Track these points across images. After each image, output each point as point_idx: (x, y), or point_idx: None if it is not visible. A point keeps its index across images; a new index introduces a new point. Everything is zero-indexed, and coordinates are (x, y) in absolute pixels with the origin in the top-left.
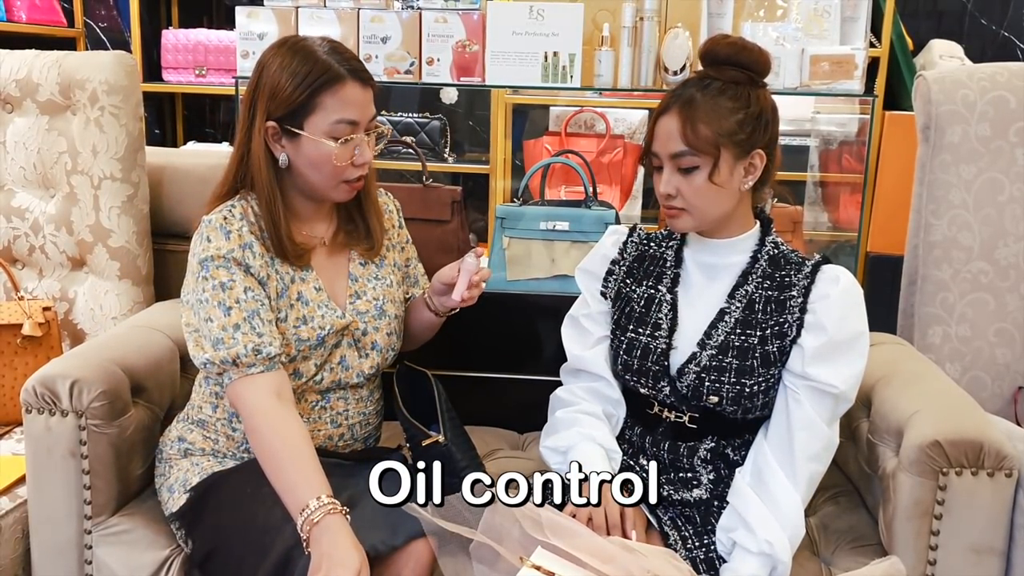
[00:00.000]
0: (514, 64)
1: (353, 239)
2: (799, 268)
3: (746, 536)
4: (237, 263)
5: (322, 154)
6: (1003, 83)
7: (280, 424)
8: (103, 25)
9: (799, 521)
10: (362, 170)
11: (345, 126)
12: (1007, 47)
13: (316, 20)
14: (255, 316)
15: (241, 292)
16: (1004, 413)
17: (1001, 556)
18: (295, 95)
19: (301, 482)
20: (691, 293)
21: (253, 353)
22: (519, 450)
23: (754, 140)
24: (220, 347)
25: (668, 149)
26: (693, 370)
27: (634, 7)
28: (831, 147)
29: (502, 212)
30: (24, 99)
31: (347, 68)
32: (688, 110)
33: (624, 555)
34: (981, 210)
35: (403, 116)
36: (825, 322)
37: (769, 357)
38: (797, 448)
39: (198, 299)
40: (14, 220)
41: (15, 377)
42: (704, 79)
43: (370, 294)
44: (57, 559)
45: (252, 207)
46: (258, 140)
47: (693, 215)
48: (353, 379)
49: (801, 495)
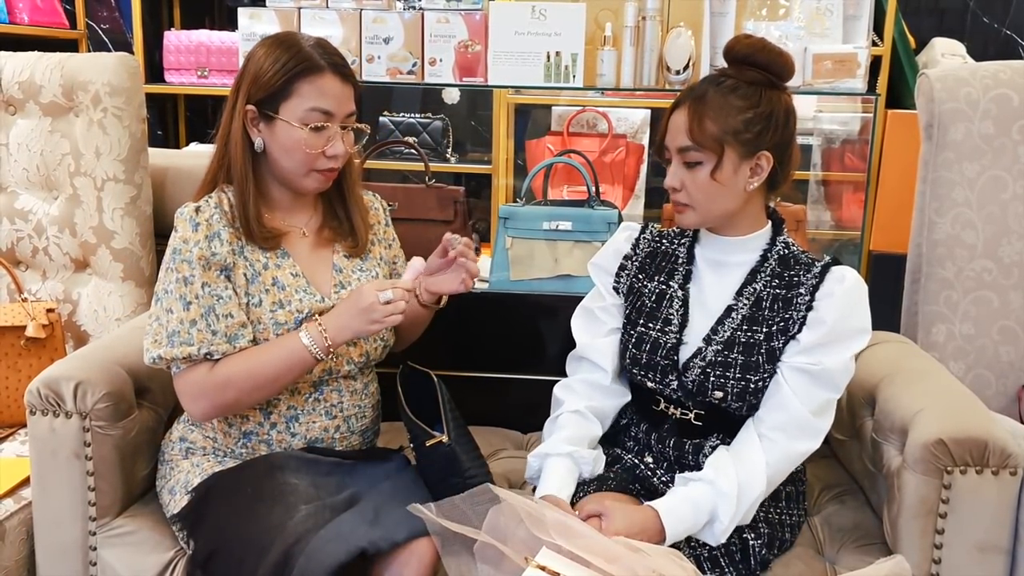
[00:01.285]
0: (516, 64)
1: (338, 235)
2: (808, 268)
3: (708, 471)
4: (200, 258)
5: (294, 140)
6: (1006, 81)
7: (224, 361)
8: (105, 27)
9: (759, 478)
10: (334, 162)
11: (318, 114)
12: (1009, 45)
13: (318, 21)
14: (211, 313)
15: (199, 288)
16: (1008, 411)
17: (1006, 554)
18: (274, 79)
19: (276, 347)
20: (702, 290)
21: (203, 356)
22: (523, 450)
23: (761, 141)
24: (175, 340)
25: (676, 143)
26: (698, 365)
27: (636, 7)
28: (834, 146)
29: (505, 212)
30: (27, 101)
31: (328, 61)
32: (698, 106)
33: (629, 555)
34: (984, 208)
35: (405, 116)
36: (826, 317)
37: (774, 353)
38: (766, 417)
39: (164, 288)
40: (17, 222)
41: (19, 379)
42: (720, 76)
43: (355, 284)
44: (61, 561)
45: (228, 196)
46: (238, 123)
47: (696, 211)
48: (344, 367)
49: (767, 458)
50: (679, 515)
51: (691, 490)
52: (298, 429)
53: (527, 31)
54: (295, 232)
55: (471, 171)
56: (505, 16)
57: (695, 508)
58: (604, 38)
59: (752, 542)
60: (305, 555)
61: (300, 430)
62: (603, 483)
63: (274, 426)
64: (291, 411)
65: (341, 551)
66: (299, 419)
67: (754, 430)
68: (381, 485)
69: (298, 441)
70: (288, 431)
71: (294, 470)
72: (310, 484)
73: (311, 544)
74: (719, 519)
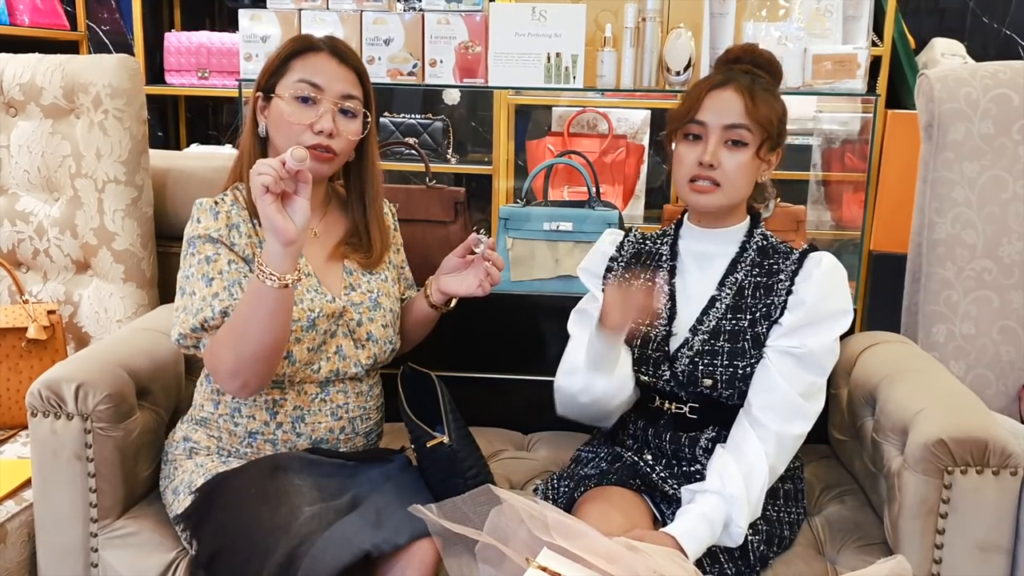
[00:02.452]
0: (517, 65)
1: (355, 250)
2: (787, 256)
3: (713, 479)
4: (223, 241)
5: (282, 112)
6: (1006, 81)
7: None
8: (106, 28)
9: (761, 466)
10: (322, 138)
11: (305, 85)
12: (1009, 45)
13: (319, 22)
14: (235, 285)
15: (225, 264)
16: (1009, 411)
17: (1007, 554)
18: (275, 62)
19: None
20: (686, 283)
21: (221, 315)
22: (524, 451)
23: (782, 138)
24: (194, 314)
25: (725, 120)
26: (686, 354)
27: (636, 8)
28: (834, 146)
29: (505, 213)
30: (28, 103)
31: (327, 43)
32: (752, 89)
33: (630, 555)
34: (984, 208)
35: (406, 117)
36: (806, 298)
37: (759, 338)
38: (755, 399)
39: (184, 275)
40: (18, 224)
41: (20, 381)
42: (749, 73)
43: (364, 287)
44: (63, 562)
45: (243, 194)
46: (250, 114)
47: (725, 192)
48: (351, 369)
49: (765, 447)
50: (696, 535)
51: (701, 506)
52: (303, 429)
53: (527, 32)
54: (306, 231)
55: (471, 172)
56: (505, 17)
57: (710, 524)
58: (604, 39)
59: (751, 538)
60: (309, 557)
61: (305, 430)
62: (604, 477)
63: (280, 426)
64: (297, 411)
65: (345, 554)
66: (305, 419)
67: (746, 422)
68: (383, 487)
69: (303, 441)
70: (294, 431)
71: (297, 471)
72: (313, 485)
73: (315, 547)
74: (734, 522)
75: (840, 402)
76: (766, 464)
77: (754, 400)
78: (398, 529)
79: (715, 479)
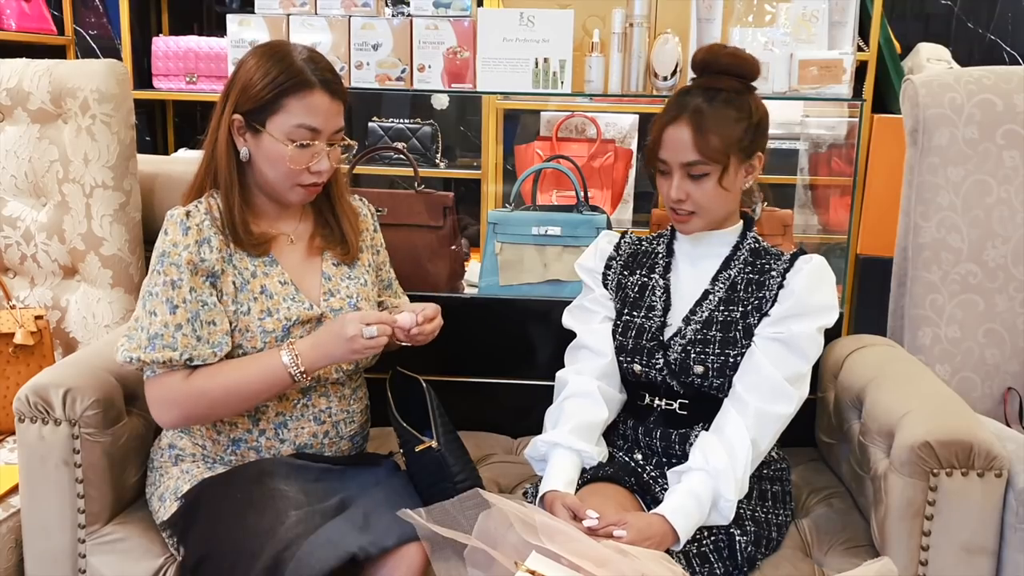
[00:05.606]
0: (505, 70)
1: (329, 242)
2: (778, 257)
3: (696, 456)
4: (189, 262)
5: (279, 154)
6: (990, 86)
7: (202, 372)
8: (93, 33)
9: (742, 438)
10: (318, 177)
11: (305, 131)
12: (994, 50)
13: (307, 27)
14: (196, 319)
15: (187, 292)
16: (994, 413)
17: (992, 556)
18: (263, 92)
19: (255, 363)
20: (680, 278)
21: (184, 362)
22: (512, 455)
23: (755, 144)
24: (156, 344)
25: (680, 158)
26: (679, 343)
27: (624, 13)
28: (820, 151)
29: (494, 217)
30: (15, 108)
31: (319, 77)
32: (699, 120)
33: (618, 558)
34: (969, 212)
35: (394, 122)
36: (795, 288)
37: (751, 330)
38: (738, 381)
39: (149, 291)
40: (6, 229)
41: (7, 386)
42: (708, 89)
43: (343, 292)
44: (51, 568)
45: (217, 203)
46: (224, 131)
47: (702, 217)
48: (333, 374)
49: (745, 420)
50: (685, 512)
51: (688, 483)
52: (287, 435)
53: (515, 37)
54: (283, 239)
55: (460, 176)
56: (493, 23)
57: (697, 499)
58: (592, 44)
59: (739, 538)
60: (295, 560)
61: (289, 436)
62: (598, 471)
63: (263, 433)
64: (280, 417)
65: (331, 557)
66: (288, 425)
67: (728, 403)
68: (371, 491)
69: (287, 447)
70: (277, 437)
71: (283, 476)
72: (300, 490)
73: (301, 550)
74: (723, 496)
75: (827, 405)
76: (747, 437)
77: (737, 382)
78: (386, 532)
79: (698, 456)
